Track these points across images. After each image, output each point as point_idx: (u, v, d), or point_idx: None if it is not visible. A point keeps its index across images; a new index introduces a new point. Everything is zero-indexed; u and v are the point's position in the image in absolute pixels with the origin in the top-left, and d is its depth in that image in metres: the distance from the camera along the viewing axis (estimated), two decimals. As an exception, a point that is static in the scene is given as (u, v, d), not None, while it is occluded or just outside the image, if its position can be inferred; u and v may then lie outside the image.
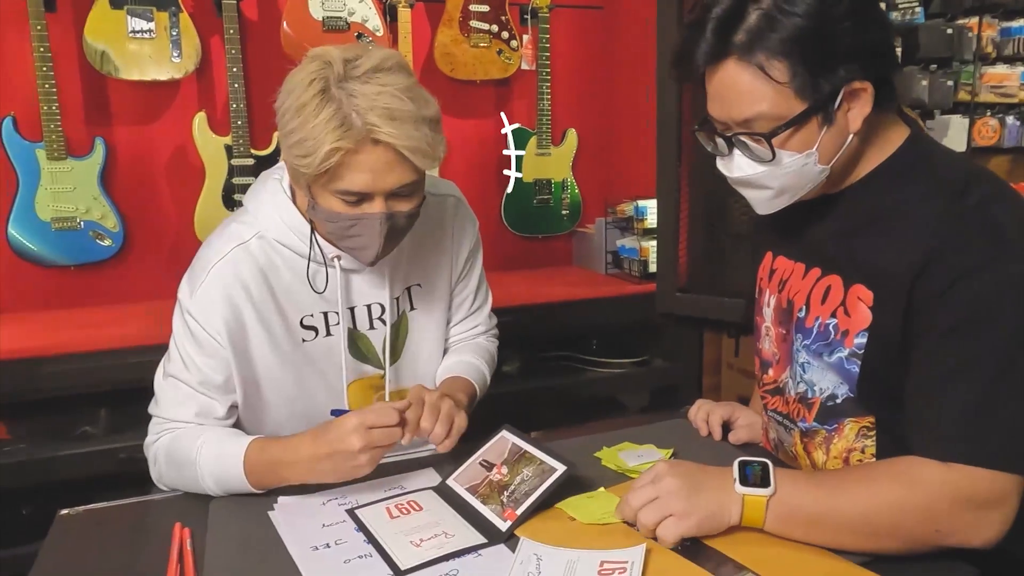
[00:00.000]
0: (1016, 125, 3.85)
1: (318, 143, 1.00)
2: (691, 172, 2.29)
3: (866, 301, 0.98)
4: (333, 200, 1.08)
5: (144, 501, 1.16)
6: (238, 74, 2.29)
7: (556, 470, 1.05)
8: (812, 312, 1.06)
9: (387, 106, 1.00)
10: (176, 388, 1.16)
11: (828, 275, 1.06)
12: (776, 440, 1.19)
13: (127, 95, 2.33)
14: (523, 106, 2.80)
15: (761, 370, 1.20)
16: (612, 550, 0.91)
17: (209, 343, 1.15)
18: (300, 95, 1.02)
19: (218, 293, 1.14)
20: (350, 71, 1.02)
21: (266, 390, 1.23)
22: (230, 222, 1.21)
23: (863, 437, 1.03)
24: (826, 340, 1.03)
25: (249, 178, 2.35)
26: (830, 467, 1.07)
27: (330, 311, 1.24)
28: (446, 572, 0.90)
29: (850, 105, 0.97)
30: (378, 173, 1.04)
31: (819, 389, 1.06)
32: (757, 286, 1.24)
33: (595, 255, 2.77)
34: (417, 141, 1.03)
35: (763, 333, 1.19)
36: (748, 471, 0.93)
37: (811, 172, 1.00)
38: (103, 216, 2.27)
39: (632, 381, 2.66)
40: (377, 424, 1.04)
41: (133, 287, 2.41)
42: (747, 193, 1.07)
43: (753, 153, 1.00)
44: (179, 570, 0.93)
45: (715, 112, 1.01)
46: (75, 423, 2.10)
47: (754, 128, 0.98)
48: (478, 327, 1.46)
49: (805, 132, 0.97)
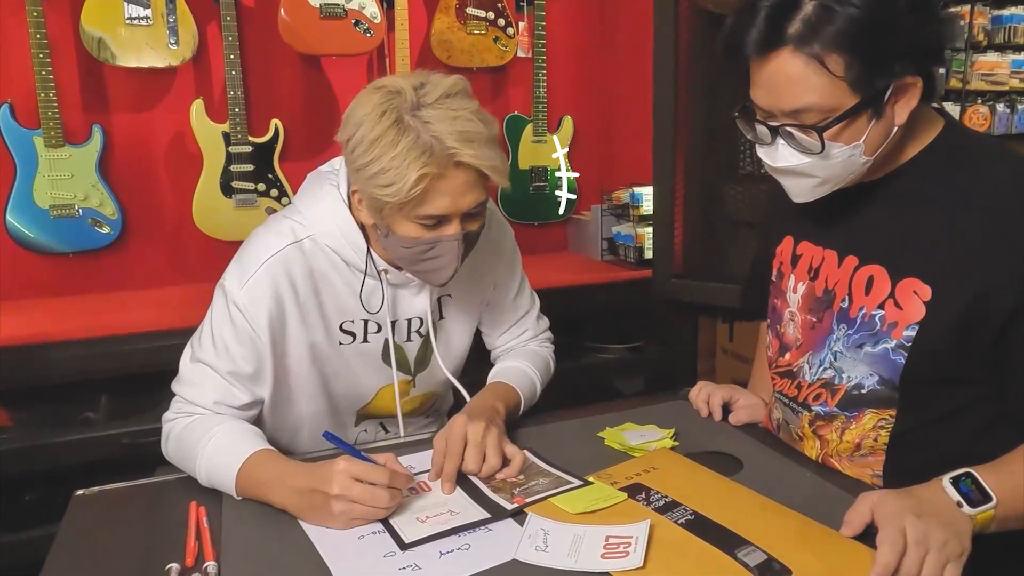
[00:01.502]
0: (1006, 113, 3.88)
1: (403, 172, 1.02)
2: (686, 159, 2.30)
3: (922, 295, 0.99)
4: (411, 226, 1.10)
5: (159, 482, 1.18)
6: (235, 61, 2.30)
7: (572, 482, 1.08)
8: (856, 302, 1.07)
9: (464, 130, 1.03)
10: (203, 373, 1.17)
11: (868, 264, 1.06)
12: (780, 421, 1.21)
13: (124, 82, 2.33)
14: (519, 93, 2.81)
15: (778, 353, 1.21)
16: (617, 525, 0.93)
17: (248, 334, 1.16)
18: (373, 127, 1.04)
19: (267, 287, 1.16)
20: (422, 99, 1.04)
21: (294, 387, 1.26)
22: (282, 218, 1.23)
23: (879, 428, 1.06)
24: (871, 331, 1.04)
25: (247, 165, 2.36)
26: (842, 450, 1.09)
27: (370, 320, 1.26)
28: (459, 545, 0.93)
29: (898, 98, 0.97)
30: (458, 195, 1.07)
31: (847, 377, 1.07)
32: (775, 269, 1.25)
33: (591, 242, 2.79)
34: (494, 160, 1.07)
35: (786, 318, 1.20)
36: (964, 488, 0.91)
37: (855, 163, 1.00)
38: (101, 203, 2.27)
39: (627, 366, 2.69)
40: (362, 477, 0.97)
41: (132, 274, 2.41)
42: (788, 181, 1.07)
43: (799, 144, 1.00)
44: (197, 547, 0.95)
45: (761, 101, 1.00)
46: (76, 409, 2.11)
47: (802, 119, 0.97)
48: (526, 332, 1.47)
49: (855, 126, 0.96)
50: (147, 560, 0.93)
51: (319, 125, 2.56)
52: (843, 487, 1.05)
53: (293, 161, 2.48)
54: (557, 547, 0.90)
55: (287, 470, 1.04)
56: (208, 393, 1.17)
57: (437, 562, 0.90)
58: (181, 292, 2.39)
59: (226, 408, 1.17)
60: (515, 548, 0.91)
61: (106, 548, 0.98)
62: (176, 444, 1.16)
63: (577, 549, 0.89)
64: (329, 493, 0.96)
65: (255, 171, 2.38)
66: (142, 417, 2.10)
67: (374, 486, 0.97)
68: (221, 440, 1.10)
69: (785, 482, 1.07)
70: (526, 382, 1.34)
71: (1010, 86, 3.84)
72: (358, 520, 0.98)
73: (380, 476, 0.98)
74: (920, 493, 0.91)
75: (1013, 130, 3.88)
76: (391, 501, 0.98)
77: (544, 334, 1.50)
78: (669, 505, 0.98)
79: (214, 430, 1.12)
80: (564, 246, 2.97)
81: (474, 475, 1.09)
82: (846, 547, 0.88)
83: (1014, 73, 3.83)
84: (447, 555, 0.91)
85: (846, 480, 1.09)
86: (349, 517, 0.97)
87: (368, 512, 0.97)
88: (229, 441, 1.10)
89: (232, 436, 1.11)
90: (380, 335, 1.29)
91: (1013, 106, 3.91)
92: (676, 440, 1.22)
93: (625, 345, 2.64)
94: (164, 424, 1.20)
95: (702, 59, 2.26)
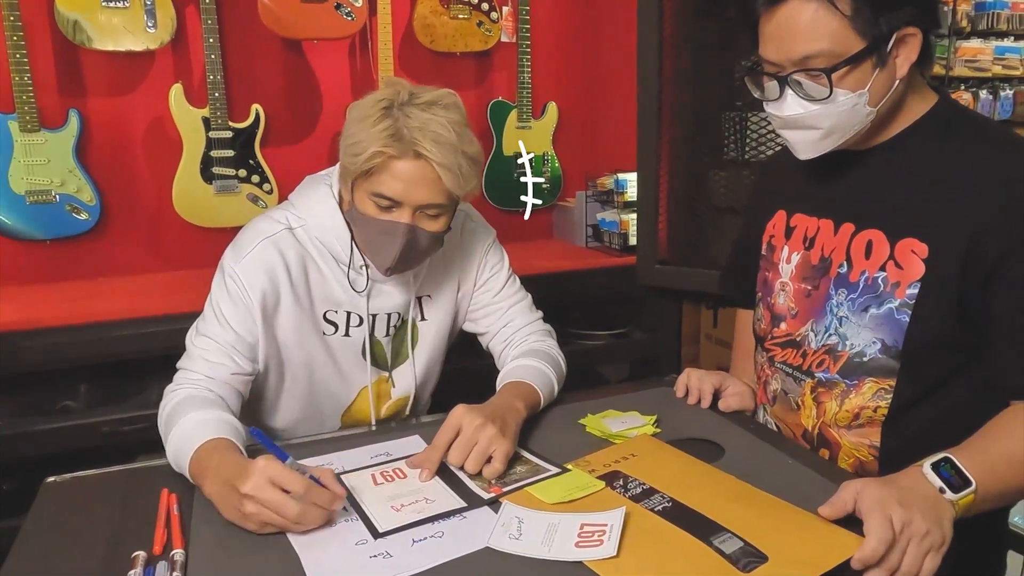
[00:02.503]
0: (989, 99, 3.90)
1: (367, 144, 1.14)
2: (671, 146, 2.30)
3: (919, 254, 1.03)
4: (368, 202, 1.20)
5: (131, 469, 1.16)
6: (215, 45, 2.26)
7: (550, 470, 1.08)
8: (856, 267, 1.10)
9: (435, 131, 1.14)
10: (203, 343, 1.23)
11: (866, 230, 1.10)
12: (778, 391, 1.22)
13: (101, 66, 2.29)
14: (503, 79, 2.79)
15: (771, 324, 1.23)
16: (592, 513, 0.93)
17: (245, 307, 1.23)
18: (367, 110, 1.17)
19: (262, 264, 1.24)
20: (413, 99, 1.17)
21: (285, 372, 1.32)
22: (277, 209, 1.32)
23: (878, 398, 1.08)
24: (875, 293, 1.07)
25: (227, 151, 2.33)
26: (840, 419, 1.11)
27: (353, 312, 1.33)
28: (432, 533, 0.92)
29: (900, 51, 1.02)
30: (411, 184, 1.16)
31: (850, 344, 1.10)
32: (765, 243, 1.27)
33: (575, 228, 2.78)
34: (452, 165, 1.15)
35: (776, 288, 1.22)
36: (945, 474, 0.92)
37: (860, 113, 1.04)
38: (79, 189, 2.24)
39: (612, 352, 2.68)
40: (277, 482, 0.91)
41: (111, 261, 2.38)
42: (794, 135, 1.09)
43: (807, 92, 1.03)
44: (166, 535, 0.94)
45: (771, 53, 1.04)
46: (55, 398, 2.09)
47: (810, 64, 1.01)
48: (520, 325, 1.45)
49: (860, 71, 1.01)
50: (114, 548, 0.91)
51: (301, 110, 2.53)
52: (824, 473, 1.05)
53: (275, 147, 2.46)
54: (531, 535, 0.90)
55: (223, 461, 1.00)
56: (206, 361, 1.21)
57: (409, 550, 0.89)
58: (161, 279, 2.36)
59: (219, 373, 1.21)
60: (488, 536, 0.90)
61: (73, 536, 0.96)
62: (164, 422, 1.15)
63: (551, 538, 0.89)
64: (240, 491, 0.91)
65: (236, 157, 2.36)
66: (122, 405, 2.08)
67: (287, 494, 0.91)
68: (189, 425, 1.08)
69: (766, 468, 1.07)
70: (542, 379, 1.31)
71: (993, 72, 3.85)
72: (269, 526, 0.92)
73: (296, 485, 0.91)
74: (901, 482, 0.91)
75: (996, 116, 3.90)
76: (299, 517, 0.91)
77: (538, 324, 1.48)
78: (646, 492, 0.98)
79: (188, 414, 1.10)
80: (549, 233, 2.96)
81: (455, 467, 1.08)
82: (824, 531, 0.88)
83: (997, 59, 3.84)
84: (419, 543, 0.90)
85: (827, 466, 1.10)
86: (259, 520, 0.91)
87: (277, 520, 0.91)
88: (196, 426, 1.08)
89: (200, 422, 1.08)
90: (361, 329, 1.34)
91: (996, 93, 3.92)
92: (658, 427, 1.22)
93: (610, 331, 2.64)
94: (164, 397, 1.19)
95: (686, 45, 2.25)
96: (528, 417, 1.22)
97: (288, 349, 1.30)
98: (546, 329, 1.49)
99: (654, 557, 0.85)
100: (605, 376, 2.76)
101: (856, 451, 1.12)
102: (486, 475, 1.05)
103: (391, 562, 0.86)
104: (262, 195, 2.40)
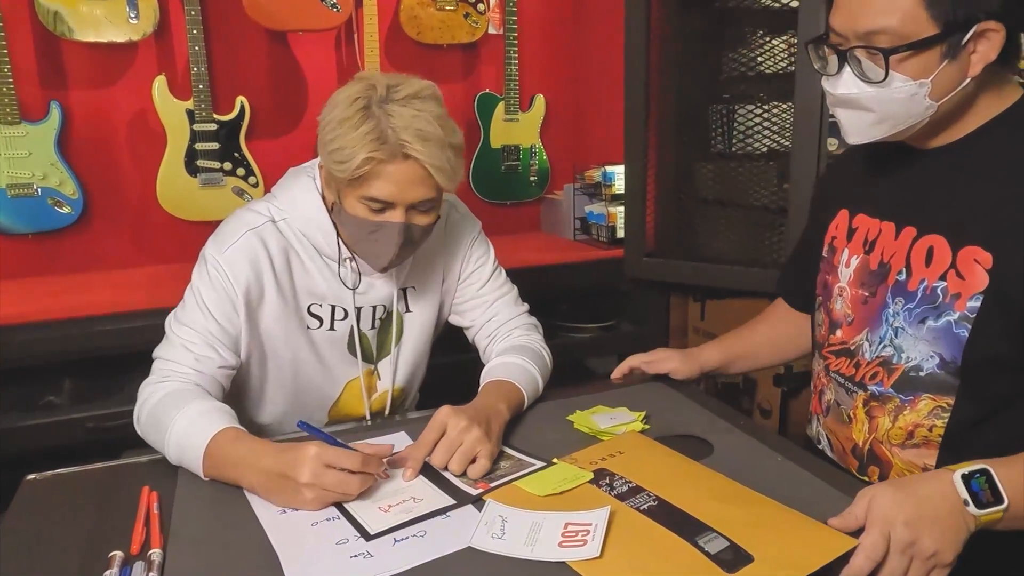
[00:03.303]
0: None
1: (354, 152, 1.11)
2: (658, 138, 2.29)
3: (983, 263, 0.96)
4: (359, 206, 1.18)
5: (112, 466, 1.15)
6: (198, 36, 2.23)
7: (535, 464, 1.07)
8: (915, 275, 1.03)
9: (420, 128, 1.12)
10: (185, 333, 1.21)
11: (928, 235, 1.03)
12: (831, 402, 1.17)
13: (83, 57, 2.26)
14: (491, 71, 2.77)
15: (828, 330, 1.18)
16: (576, 512, 0.92)
17: (227, 297, 1.22)
18: (344, 110, 1.13)
19: (246, 255, 1.23)
20: (392, 95, 1.13)
21: (269, 365, 1.31)
22: (260, 202, 1.30)
23: (934, 416, 1.02)
24: (933, 304, 1.01)
25: (212, 143, 2.31)
26: (893, 436, 1.06)
27: (338, 306, 1.32)
28: (415, 532, 0.92)
29: (976, 46, 0.94)
30: (403, 185, 1.15)
31: (906, 357, 1.04)
32: (827, 245, 1.21)
33: (563, 221, 2.77)
34: (442, 162, 1.14)
35: (835, 293, 1.17)
36: (975, 487, 0.85)
37: (918, 105, 0.97)
38: (61, 183, 2.22)
39: (600, 345, 2.68)
40: (334, 464, 0.97)
41: (95, 255, 2.36)
42: (846, 116, 1.03)
43: (864, 72, 0.98)
44: (145, 533, 0.93)
45: (838, 23, 0.98)
46: (39, 393, 2.07)
47: (875, 41, 0.95)
48: (505, 319, 1.44)
49: (925, 58, 0.94)
50: (92, 547, 0.90)
51: (286, 102, 2.51)
52: (813, 471, 1.04)
53: (260, 139, 2.43)
54: (514, 535, 0.89)
55: (257, 450, 1.03)
56: (189, 351, 1.19)
57: (391, 549, 0.88)
58: (146, 273, 2.34)
59: (206, 367, 1.19)
60: (471, 536, 0.90)
61: (51, 535, 0.95)
62: (149, 414, 1.14)
63: (534, 537, 0.88)
64: (299, 481, 0.96)
65: (221, 150, 2.33)
66: (107, 401, 2.06)
67: (346, 472, 0.97)
68: (192, 415, 1.09)
69: (755, 466, 1.06)
70: (526, 377, 1.29)
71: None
72: (329, 503, 0.98)
73: (352, 462, 0.98)
74: (921, 489, 0.86)
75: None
76: (363, 486, 0.98)
77: (524, 318, 1.47)
78: (632, 491, 0.97)
79: (188, 404, 1.10)
80: (536, 226, 2.95)
81: (439, 468, 1.07)
82: (811, 531, 0.87)
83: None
84: (402, 542, 0.89)
85: (817, 464, 1.08)
86: (321, 503, 0.97)
87: (340, 498, 0.98)
88: (200, 416, 1.09)
89: (203, 412, 1.10)
90: (346, 323, 1.33)
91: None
92: (647, 423, 1.21)
93: (598, 324, 2.64)
94: (142, 390, 1.18)
95: (674, 37, 2.24)
96: (511, 418, 1.21)
97: (272, 343, 1.29)
98: (532, 323, 1.48)
99: (638, 558, 0.84)
100: (593, 369, 2.76)
101: (908, 472, 1.05)
102: (471, 474, 1.05)
103: (372, 562, 0.86)
104: (247, 188, 2.38)
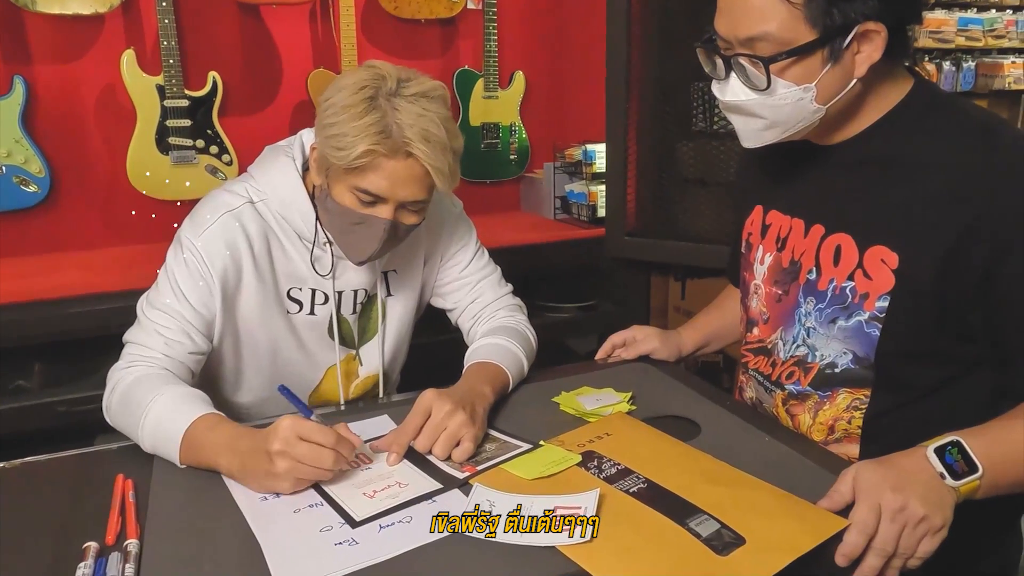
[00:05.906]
0: (952, 71, 3.92)
1: (355, 141, 1.08)
2: (640, 117, 2.27)
3: (890, 264, 0.96)
4: (348, 195, 1.15)
5: (86, 453, 1.11)
6: (168, 9, 2.17)
7: (521, 446, 1.06)
8: (824, 274, 1.03)
9: (425, 128, 1.09)
10: (158, 317, 1.18)
11: (835, 233, 1.03)
12: (754, 400, 1.19)
13: (47, 30, 2.19)
14: (469, 47, 2.72)
15: (746, 328, 1.18)
16: (565, 495, 0.91)
17: (204, 282, 1.19)
18: (350, 96, 1.10)
19: (223, 239, 1.19)
20: (401, 89, 1.11)
21: (245, 350, 1.28)
22: (237, 182, 1.26)
23: (853, 408, 1.03)
24: (843, 304, 1.01)
25: (184, 120, 2.25)
26: (814, 432, 1.07)
27: (318, 291, 1.29)
28: (401, 518, 0.90)
29: (860, 47, 0.93)
30: (399, 182, 1.12)
31: (820, 355, 1.05)
32: (743, 240, 1.21)
33: (543, 200, 2.74)
34: (442, 164, 1.12)
35: (751, 291, 1.16)
36: (949, 459, 0.87)
37: (805, 109, 0.96)
38: (26, 160, 2.15)
39: (580, 325, 2.67)
40: (307, 437, 0.94)
41: (63, 235, 2.30)
42: (736, 121, 1.03)
43: (749, 79, 0.97)
44: (121, 523, 0.90)
45: (721, 28, 0.97)
46: (8, 378, 2.02)
47: (756, 50, 0.94)
48: (489, 300, 1.42)
49: (807, 64, 0.93)
50: (65, 538, 0.87)
51: (260, 78, 2.45)
52: (800, 450, 1.04)
53: (233, 116, 2.38)
54: (502, 519, 0.87)
55: (234, 434, 1.01)
56: (160, 335, 1.16)
57: (376, 536, 0.86)
58: (116, 253, 2.29)
59: (176, 352, 1.16)
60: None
61: (21, 526, 0.92)
62: (120, 401, 1.11)
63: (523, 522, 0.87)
64: (271, 449, 0.93)
65: (193, 127, 2.28)
66: (79, 384, 2.02)
67: (319, 446, 0.94)
68: (167, 402, 1.06)
69: (743, 446, 1.05)
70: (510, 359, 1.27)
71: (956, 44, 3.87)
72: (304, 480, 0.95)
73: (326, 437, 0.94)
74: (901, 463, 0.87)
75: (958, 88, 3.93)
76: (335, 464, 0.95)
77: (507, 299, 1.45)
78: (621, 473, 0.96)
79: (161, 390, 1.07)
80: (516, 205, 2.92)
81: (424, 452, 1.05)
82: (802, 512, 0.87)
83: (960, 31, 3.86)
84: (387, 528, 0.87)
85: (803, 443, 1.08)
86: (294, 476, 0.94)
87: (312, 473, 0.94)
88: (176, 403, 1.06)
89: (179, 398, 1.07)
90: (326, 307, 1.31)
91: (959, 64, 3.94)
92: (633, 404, 1.20)
93: (578, 304, 2.63)
94: (111, 376, 1.15)
95: (656, 14, 2.21)
96: (496, 400, 1.19)
97: (248, 328, 1.26)
98: (516, 304, 1.46)
99: (628, 541, 0.83)
100: (574, 349, 2.75)
101: None
102: (455, 458, 1.03)
103: (357, 549, 0.84)
104: (221, 166, 2.33)
